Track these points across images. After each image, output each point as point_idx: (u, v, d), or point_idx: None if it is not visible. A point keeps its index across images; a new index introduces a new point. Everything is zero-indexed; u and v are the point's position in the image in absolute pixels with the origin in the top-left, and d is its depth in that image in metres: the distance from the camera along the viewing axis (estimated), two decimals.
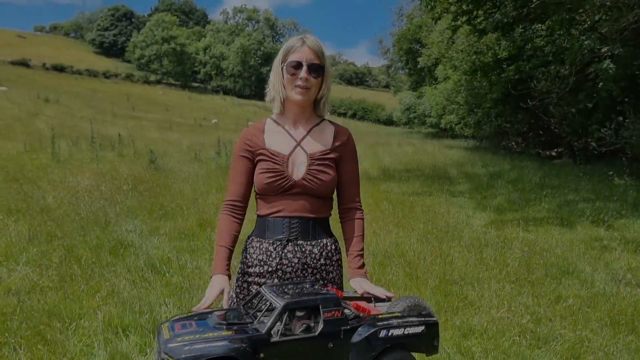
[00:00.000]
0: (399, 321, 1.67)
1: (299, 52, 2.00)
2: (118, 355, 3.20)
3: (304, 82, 1.99)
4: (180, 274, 4.78)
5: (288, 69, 2.00)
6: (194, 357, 1.46)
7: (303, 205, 2.02)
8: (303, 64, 1.98)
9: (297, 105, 2.06)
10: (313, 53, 2.00)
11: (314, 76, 2.01)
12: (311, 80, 2.00)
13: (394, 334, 1.63)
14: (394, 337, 1.63)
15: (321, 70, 2.03)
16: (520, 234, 6.88)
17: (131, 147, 14.80)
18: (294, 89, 2.01)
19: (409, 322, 1.66)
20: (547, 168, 14.28)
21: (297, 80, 1.99)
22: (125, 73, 61.55)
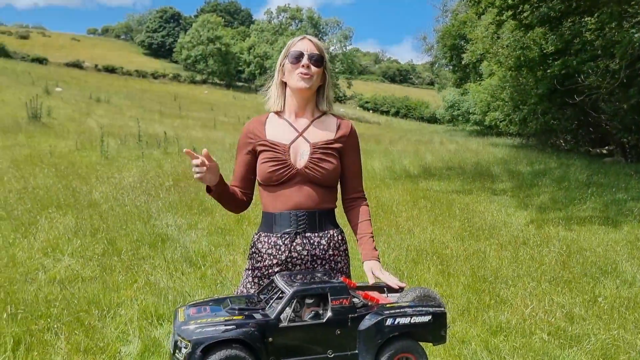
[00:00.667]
0: (406, 310, 1.69)
1: (300, 45, 2.07)
2: (151, 343, 3.33)
3: (306, 69, 2.04)
4: (215, 267, 4.91)
5: (290, 59, 2.05)
6: (204, 339, 1.53)
7: (307, 196, 2.05)
8: (304, 53, 2.04)
9: (300, 94, 2.10)
10: (313, 45, 2.08)
11: (315, 65, 2.05)
12: (312, 69, 2.05)
13: (401, 323, 1.65)
14: (400, 326, 1.65)
15: (322, 60, 2.08)
16: (560, 233, 6.70)
17: (176, 145, 15.20)
18: (297, 77, 2.06)
19: (416, 312, 1.68)
20: (595, 166, 13.79)
21: (299, 68, 2.04)
22: (172, 73, 63.19)
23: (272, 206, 2.11)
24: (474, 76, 27.24)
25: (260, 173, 2.10)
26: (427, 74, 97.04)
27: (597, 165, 14.28)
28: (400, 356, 1.66)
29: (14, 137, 12.99)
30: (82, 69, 56.74)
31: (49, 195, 7.41)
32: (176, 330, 1.59)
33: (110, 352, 3.20)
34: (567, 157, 15.96)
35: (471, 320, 3.84)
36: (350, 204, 2.21)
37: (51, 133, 15.54)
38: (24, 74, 34.47)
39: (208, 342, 1.53)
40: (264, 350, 1.59)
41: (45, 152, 11.78)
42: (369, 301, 1.79)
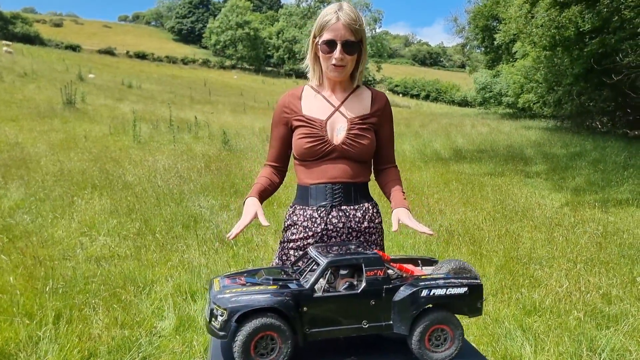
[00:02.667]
0: (442, 282, 1.67)
1: (333, 30, 1.97)
2: (186, 318, 3.40)
3: (339, 62, 2.00)
4: (246, 247, 4.97)
5: (322, 47, 1.99)
6: (239, 307, 1.55)
7: (343, 170, 2.05)
8: (337, 42, 1.97)
9: (334, 80, 2.09)
10: (347, 29, 1.97)
11: (349, 53, 2.00)
12: (346, 58, 2.00)
13: (436, 294, 1.64)
14: (435, 297, 1.64)
15: (356, 46, 2.01)
16: (597, 215, 6.54)
17: (206, 129, 15.37)
18: (329, 67, 2.03)
19: (452, 283, 1.66)
20: (633, 148, 13.38)
21: (331, 59, 2.00)
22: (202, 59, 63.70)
23: (307, 179, 2.11)
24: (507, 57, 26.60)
25: (297, 148, 2.10)
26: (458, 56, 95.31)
27: (636, 147, 13.84)
28: (435, 327, 1.65)
29: (50, 122, 13.31)
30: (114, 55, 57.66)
31: (85, 177, 7.59)
32: (212, 299, 1.61)
33: (146, 327, 3.28)
34: (603, 140, 15.52)
35: (505, 300, 3.79)
36: (383, 170, 2.21)
37: (85, 118, 15.88)
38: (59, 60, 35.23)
39: (244, 310, 1.55)
40: (299, 320, 1.60)
41: (80, 136, 12.06)
42: (403, 273, 1.78)
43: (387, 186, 2.16)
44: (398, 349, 1.79)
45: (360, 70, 2.15)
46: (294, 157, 2.17)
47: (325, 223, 2.06)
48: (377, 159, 2.20)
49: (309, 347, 1.67)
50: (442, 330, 1.66)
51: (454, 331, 1.66)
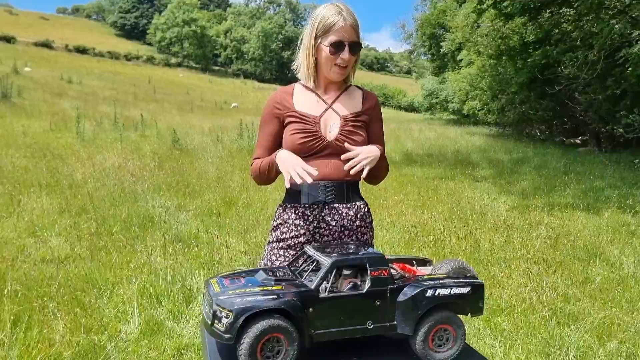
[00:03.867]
0: (446, 281, 1.68)
1: (341, 31, 1.97)
2: (152, 322, 3.27)
3: (345, 63, 2.00)
4: (209, 248, 4.85)
5: (329, 49, 1.98)
6: (246, 309, 1.49)
7: (336, 167, 2.03)
8: (345, 44, 1.97)
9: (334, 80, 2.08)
10: (353, 31, 1.99)
11: (354, 53, 2.01)
12: (351, 59, 2.01)
13: (441, 294, 1.64)
14: (440, 297, 1.64)
15: (360, 46, 2.03)
16: (545, 218, 6.83)
17: (154, 128, 14.96)
18: (332, 68, 2.01)
19: (456, 283, 1.68)
20: (570, 155, 14.10)
21: (337, 59, 1.99)
22: (146, 56, 61.94)
23: None
24: (453, 65, 27.42)
25: (289, 144, 2.06)
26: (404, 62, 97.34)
27: (572, 154, 14.59)
28: (439, 327, 1.66)
29: None
30: (51, 49, 55.11)
31: (29, 176, 7.20)
32: (215, 301, 1.55)
33: (111, 331, 3.13)
34: (543, 146, 16.27)
35: None
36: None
37: (23, 113, 15.11)
38: None
39: (251, 311, 1.49)
40: (305, 321, 1.56)
41: (19, 132, 11.46)
42: (406, 273, 1.78)
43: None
44: (399, 349, 1.78)
45: (354, 69, 2.15)
46: None
47: (318, 221, 2.04)
48: None
49: (310, 350, 1.64)
50: (445, 330, 1.67)
51: (457, 331, 1.67)
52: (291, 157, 1.94)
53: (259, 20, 64.57)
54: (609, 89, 12.24)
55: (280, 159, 1.97)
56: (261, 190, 7.77)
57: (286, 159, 1.94)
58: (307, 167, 1.87)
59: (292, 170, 1.86)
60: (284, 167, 1.92)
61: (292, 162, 1.90)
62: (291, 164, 1.89)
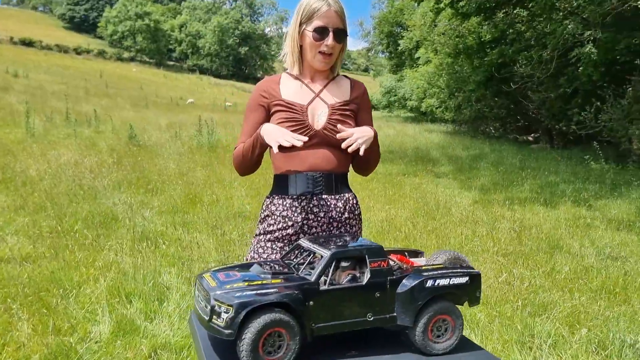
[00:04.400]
0: (444, 272, 1.67)
1: (325, 18, 1.94)
2: (124, 321, 3.15)
3: (330, 50, 1.97)
4: (177, 245, 4.73)
5: (313, 34, 1.95)
6: (247, 303, 1.44)
7: (324, 158, 2.00)
8: (329, 29, 1.94)
9: (317, 69, 2.04)
10: (338, 17, 1.97)
11: (339, 41, 1.98)
12: (336, 46, 1.98)
13: (440, 284, 1.63)
14: (440, 287, 1.63)
15: (345, 34, 2.01)
16: (507, 213, 7.00)
17: (108, 123, 14.53)
18: (317, 55, 1.98)
19: (454, 273, 1.67)
20: (525, 152, 14.53)
21: (322, 46, 1.96)
22: (97, 49, 59.98)
23: (286, 168, 2.04)
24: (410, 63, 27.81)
25: None
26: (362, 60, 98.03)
27: (526, 151, 15.05)
28: (438, 318, 1.65)
29: None
30: None
31: None
32: (213, 296, 1.49)
33: (81, 332, 2.99)
34: (498, 143, 16.71)
35: None
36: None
37: None
38: None
39: (253, 305, 1.44)
40: (306, 315, 1.52)
41: None
42: (403, 264, 1.76)
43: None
44: (396, 340, 1.77)
45: (341, 58, 2.12)
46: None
47: (306, 212, 2.00)
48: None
49: (309, 344, 1.60)
50: (444, 320, 1.66)
51: (455, 321, 1.67)
52: (277, 128, 1.90)
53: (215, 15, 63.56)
54: (561, 88, 12.68)
55: (266, 130, 1.92)
56: (226, 187, 7.66)
57: (272, 130, 1.90)
58: (295, 135, 1.83)
59: (281, 139, 1.81)
60: (270, 137, 1.87)
61: (279, 132, 1.86)
62: (280, 133, 1.85)
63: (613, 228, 6.42)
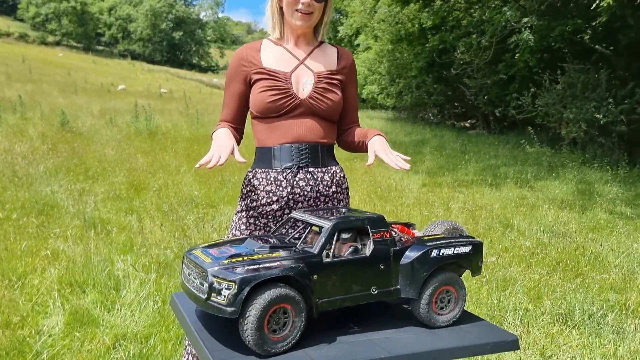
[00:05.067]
0: (448, 241, 1.61)
1: None
2: (80, 312, 2.92)
3: (307, 8, 1.85)
4: (128, 232, 4.47)
5: None
6: (251, 278, 1.32)
7: (310, 129, 1.90)
8: None
9: (298, 31, 1.93)
10: None
11: (317, 0, 1.87)
12: (313, 4, 1.86)
13: (445, 254, 1.58)
14: (445, 257, 1.57)
15: None
16: (456, 194, 7.15)
17: (36, 109, 13.67)
18: (294, 14, 1.87)
19: (458, 242, 1.62)
20: (464, 137, 14.94)
21: (298, 4, 1.85)
22: (18, 33, 56.26)
23: (269, 140, 1.92)
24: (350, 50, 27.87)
25: (258, 103, 1.89)
26: None
27: (465, 136, 15.48)
28: (442, 289, 1.59)
29: None
30: None
31: None
32: (210, 272, 1.36)
33: (32, 325, 2.74)
34: (438, 129, 17.10)
35: None
36: (347, 130, 2.07)
37: None
38: None
39: (258, 280, 1.32)
40: (310, 289, 1.41)
41: None
42: (404, 234, 1.69)
43: (357, 135, 2.02)
44: (397, 315, 1.70)
45: (325, 22, 2.01)
46: (253, 115, 1.96)
47: (292, 186, 1.89)
48: (342, 121, 2.07)
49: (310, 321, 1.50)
50: (448, 291, 1.60)
51: (459, 292, 1.62)
52: (223, 140, 1.77)
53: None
54: (499, 74, 13.09)
55: (214, 137, 1.82)
56: (172, 173, 7.37)
57: (216, 139, 1.78)
58: (236, 154, 1.73)
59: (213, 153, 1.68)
60: (212, 146, 1.75)
61: (219, 144, 1.74)
62: (217, 147, 1.72)
63: (556, 207, 6.69)
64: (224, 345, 1.41)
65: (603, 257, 4.49)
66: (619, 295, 3.70)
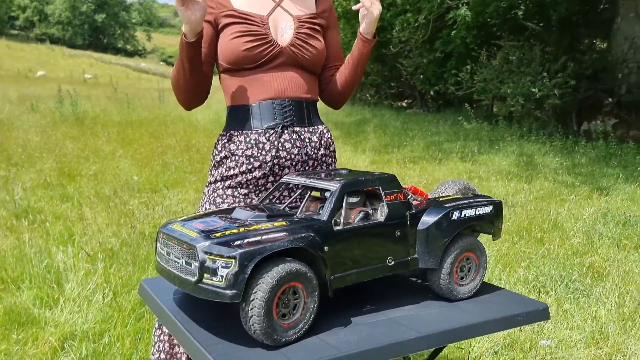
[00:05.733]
0: (467, 201, 1.41)
1: None
2: (16, 311, 2.53)
3: None
4: (62, 222, 4.02)
5: None
6: (254, 252, 1.06)
7: (292, 82, 1.65)
8: None
9: None
10: None
11: None
12: None
13: (467, 215, 1.37)
14: (467, 219, 1.37)
15: None
16: (407, 170, 7.08)
17: None
18: None
19: (478, 202, 1.42)
20: (404, 116, 15.02)
21: None
22: None
23: (245, 96, 1.65)
24: None
25: (230, 52, 1.61)
26: None
27: (405, 115, 15.58)
28: (463, 256, 1.39)
29: None
30: None
31: None
32: (200, 248, 1.08)
33: None
34: (376, 109, 17.11)
35: None
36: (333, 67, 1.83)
37: None
38: None
39: (263, 254, 1.06)
40: (324, 263, 1.17)
41: None
42: (417, 196, 1.47)
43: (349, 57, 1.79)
44: (408, 289, 1.49)
45: None
46: (223, 68, 1.68)
47: (277, 149, 1.62)
48: (325, 71, 1.82)
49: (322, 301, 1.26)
50: (468, 259, 1.41)
51: (480, 258, 1.43)
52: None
53: None
54: (436, 52, 13.17)
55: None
56: (106, 158, 6.84)
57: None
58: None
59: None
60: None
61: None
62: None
63: (503, 179, 6.75)
64: (219, 338, 1.14)
65: (560, 224, 4.51)
66: (582, 259, 3.71)
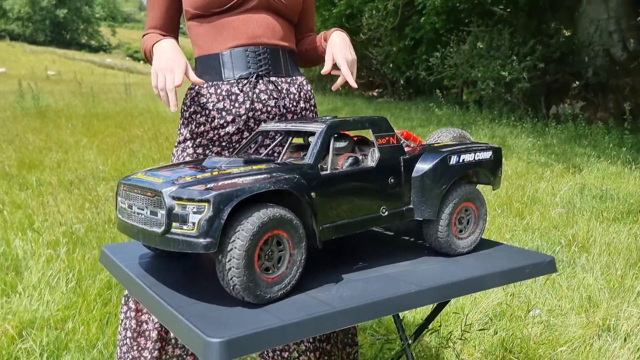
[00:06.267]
0: (465, 146, 1.28)
1: None
2: None
3: None
4: (22, 210, 3.78)
5: None
6: (231, 194, 0.90)
7: (267, 27, 1.48)
8: None
9: None
10: None
11: None
12: None
13: (466, 160, 1.25)
14: (465, 164, 1.25)
15: None
16: None
17: None
18: None
19: (477, 147, 1.29)
20: (376, 105, 14.97)
21: None
22: None
23: (215, 44, 1.48)
24: None
25: None
26: None
27: (376, 104, 15.52)
28: (462, 206, 1.26)
29: None
30: None
31: None
32: (167, 193, 0.93)
33: None
34: (348, 98, 17.01)
35: None
36: (304, 38, 1.69)
37: None
38: None
39: (241, 196, 0.91)
40: (312, 209, 1.02)
41: None
42: (410, 141, 1.34)
43: (313, 41, 1.63)
44: (405, 247, 1.35)
45: None
46: (190, 15, 1.51)
47: (252, 100, 1.46)
48: (296, 28, 1.67)
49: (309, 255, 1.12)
50: (467, 209, 1.28)
51: (479, 209, 1.31)
52: (171, 53, 1.31)
53: None
54: (406, 39, 13.10)
55: (158, 50, 1.35)
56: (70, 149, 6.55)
57: (162, 53, 1.32)
58: (190, 74, 1.30)
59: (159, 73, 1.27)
60: (154, 65, 1.31)
61: (168, 58, 1.30)
62: (166, 63, 1.28)
63: None
64: (193, 299, 0.99)
65: (539, 199, 4.48)
66: (564, 230, 3.67)
